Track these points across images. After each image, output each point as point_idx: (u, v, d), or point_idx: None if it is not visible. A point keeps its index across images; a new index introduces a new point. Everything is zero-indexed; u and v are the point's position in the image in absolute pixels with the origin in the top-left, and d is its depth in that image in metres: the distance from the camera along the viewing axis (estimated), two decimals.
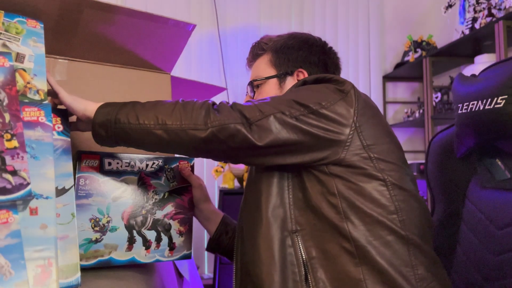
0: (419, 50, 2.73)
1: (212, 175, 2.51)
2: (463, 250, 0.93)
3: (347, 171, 0.72)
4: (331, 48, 0.97)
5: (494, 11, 2.08)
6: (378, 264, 0.69)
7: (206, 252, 2.85)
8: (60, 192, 0.67)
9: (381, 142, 0.74)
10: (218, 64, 2.87)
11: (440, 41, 2.69)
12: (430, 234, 0.77)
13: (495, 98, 0.82)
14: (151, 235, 0.83)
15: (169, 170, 0.87)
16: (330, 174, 0.72)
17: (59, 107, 0.75)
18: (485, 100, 0.84)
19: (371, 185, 0.71)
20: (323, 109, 0.70)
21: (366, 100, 0.76)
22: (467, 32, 2.20)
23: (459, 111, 0.93)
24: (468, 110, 0.89)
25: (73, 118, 0.76)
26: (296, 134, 0.70)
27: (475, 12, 2.17)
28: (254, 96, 0.95)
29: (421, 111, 2.74)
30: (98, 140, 0.74)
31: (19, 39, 0.67)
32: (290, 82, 0.92)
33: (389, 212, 0.71)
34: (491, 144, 0.88)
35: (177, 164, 0.88)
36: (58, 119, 0.71)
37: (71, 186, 0.68)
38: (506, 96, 0.80)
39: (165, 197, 0.85)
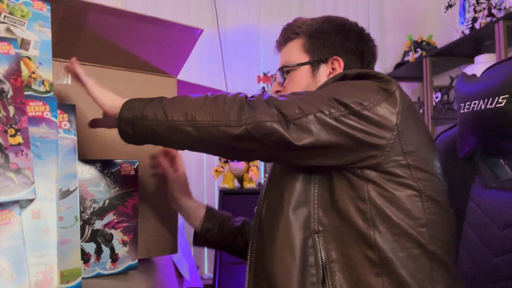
0: (419, 50, 2.73)
1: (212, 175, 2.51)
2: (465, 251, 0.93)
3: (382, 177, 0.68)
4: (368, 34, 0.90)
5: (494, 11, 2.08)
6: (400, 276, 0.66)
7: (206, 252, 2.85)
8: (64, 194, 0.64)
9: (422, 150, 0.70)
10: (218, 64, 2.86)
11: (440, 41, 2.68)
12: (454, 247, 0.75)
13: (497, 98, 0.81)
14: (89, 247, 0.76)
15: (109, 175, 0.79)
16: (363, 178, 0.68)
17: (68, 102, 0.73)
18: (486, 100, 0.84)
19: (405, 194, 0.68)
20: (365, 110, 0.66)
21: (410, 102, 0.72)
22: (467, 32, 2.20)
23: (461, 111, 0.93)
24: (470, 110, 0.89)
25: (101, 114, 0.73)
26: (336, 136, 0.65)
27: (475, 12, 2.17)
28: (284, 83, 0.89)
29: (421, 111, 2.74)
30: (125, 137, 0.71)
31: (24, 23, 0.61)
32: (324, 70, 0.86)
33: (420, 225, 0.68)
34: (494, 144, 0.88)
35: (118, 168, 0.81)
36: (65, 115, 0.66)
37: (76, 188, 0.66)
38: (507, 96, 0.80)
39: (105, 205, 0.78)
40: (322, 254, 0.69)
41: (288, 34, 0.91)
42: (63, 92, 0.81)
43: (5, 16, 0.60)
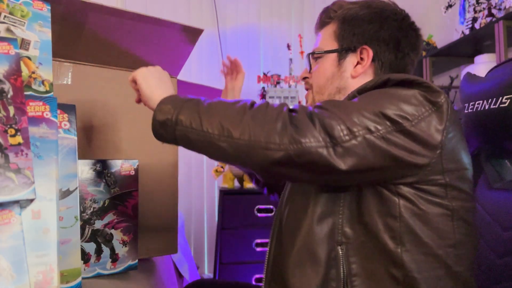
0: None
1: (212, 175, 2.51)
2: None
3: (416, 194, 0.64)
4: (411, 24, 0.81)
5: (494, 11, 2.08)
6: None
7: (206, 252, 2.85)
8: (64, 194, 0.65)
9: (461, 167, 0.67)
10: (218, 65, 2.86)
11: (440, 41, 2.68)
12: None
13: (500, 98, 0.80)
14: (90, 247, 0.76)
15: (109, 175, 0.79)
16: (396, 193, 0.65)
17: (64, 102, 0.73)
18: (490, 100, 0.83)
19: (437, 213, 0.65)
20: (412, 126, 0.61)
21: (456, 115, 0.66)
22: (467, 32, 2.19)
23: (465, 111, 0.91)
24: (474, 110, 0.87)
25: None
26: (383, 159, 0.61)
27: (475, 12, 2.17)
28: (310, 70, 0.86)
29: None
30: (158, 138, 0.68)
31: (24, 23, 0.61)
32: (351, 60, 0.80)
33: (448, 245, 0.65)
34: (498, 144, 0.86)
35: (118, 168, 0.81)
36: (65, 115, 0.66)
37: (76, 188, 0.66)
38: (511, 96, 0.79)
39: (106, 205, 0.78)
40: (344, 267, 0.67)
41: (324, 18, 0.85)
42: (63, 92, 0.82)
43: (5, 16, 0.60)
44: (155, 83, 0.72)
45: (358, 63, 0.80)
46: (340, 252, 0.67)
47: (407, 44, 0.79)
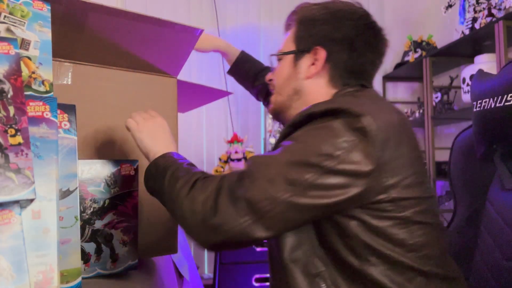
0: (419, 50, 2.72)
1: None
2: (480, 255, 0.88)
3: (366, 213, 0.65)
4: (369, 23, 0.80)
5: (494, 11, 2.08)
6: None
7: (206, 252, 2.85)
8: (64, 194, 0.65)
9: (405, 177, 0.66)
10: (218, 64, 2.86)
11: (440, 41, 2.68)
12: (449, 255, 0.74)
13: (505, 96, 0.79)
14: (90, 247, 0.76)
15: (109, 175, 0.79)
16: (347, 216, 0.65)
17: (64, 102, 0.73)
18: (495, 98, 0.81)
19: (389, 225, 0.65)
20: (339, 164, 0.61)
21: (389, 127, 0.65)
22: (467, 32, 2.19)
23: (474, 109, 0.90)
24: (482, 108, 0.86)
25: None
26: (309, 212, 0.63)
27: (475, 12, 2.17)
28: (274, 72, 0.89)
29: (421, 111, 2.74)
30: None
31: (25, 23, 0.61)
32: (306, 61, 0.81)
33: (408, 251, 0.66)
34: (508, 144, 0.84)
35: (118, 168, 0.81)
36: (65, 115, 0.66)
37: (76, 188, 0.66)
38: None
39: (106, 205, 0.78)
40: None
41: (288, 21, 0.88)
42: (63, 92, 0.82)
43: (5, 16, 0.60)
44: (148, 142, 0.78)
45: (312, 63, 0.80)
46: (318, 283, 0.68)
47: (362, 43, 0.78)
